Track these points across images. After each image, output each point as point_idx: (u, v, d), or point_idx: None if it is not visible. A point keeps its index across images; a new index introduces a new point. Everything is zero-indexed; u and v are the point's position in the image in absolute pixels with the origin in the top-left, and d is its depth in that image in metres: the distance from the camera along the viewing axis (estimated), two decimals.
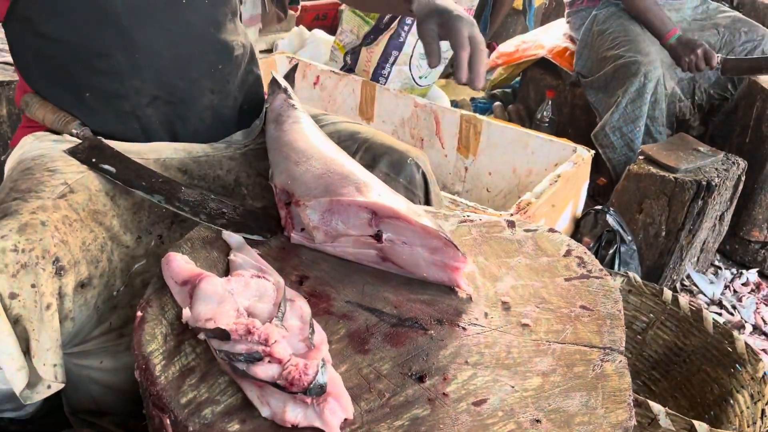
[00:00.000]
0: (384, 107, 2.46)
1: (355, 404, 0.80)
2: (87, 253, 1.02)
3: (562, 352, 0.92)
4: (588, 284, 1.07)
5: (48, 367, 0.94)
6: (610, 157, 2.52)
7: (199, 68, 1.27)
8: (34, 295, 0.92)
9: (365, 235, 1.06)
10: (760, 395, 1.55)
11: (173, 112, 1.26)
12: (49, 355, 0.95)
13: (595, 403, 0.84)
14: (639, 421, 1.41)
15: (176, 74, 1.24)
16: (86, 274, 1.01)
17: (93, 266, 1.03)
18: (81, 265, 1.00)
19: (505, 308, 1.00)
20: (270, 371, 0.76)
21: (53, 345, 0.95)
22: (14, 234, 0.93)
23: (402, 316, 0.96)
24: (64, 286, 0.97)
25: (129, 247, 1.11)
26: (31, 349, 0.93)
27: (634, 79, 2.41)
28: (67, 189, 1.05)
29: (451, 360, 0.89)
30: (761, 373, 1.58)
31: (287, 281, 1.02)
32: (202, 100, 1.30)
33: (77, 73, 1.18)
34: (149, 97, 1.23)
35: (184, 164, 1.23)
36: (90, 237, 1.03)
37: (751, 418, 1.54)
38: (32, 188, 1.03)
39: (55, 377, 0.95)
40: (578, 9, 2.80)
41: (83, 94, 1.19)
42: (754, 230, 2.48)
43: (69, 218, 1.01)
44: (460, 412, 0.81)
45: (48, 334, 0.94)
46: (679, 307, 1.76)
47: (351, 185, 1.05)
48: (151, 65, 1.21)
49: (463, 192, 2.37)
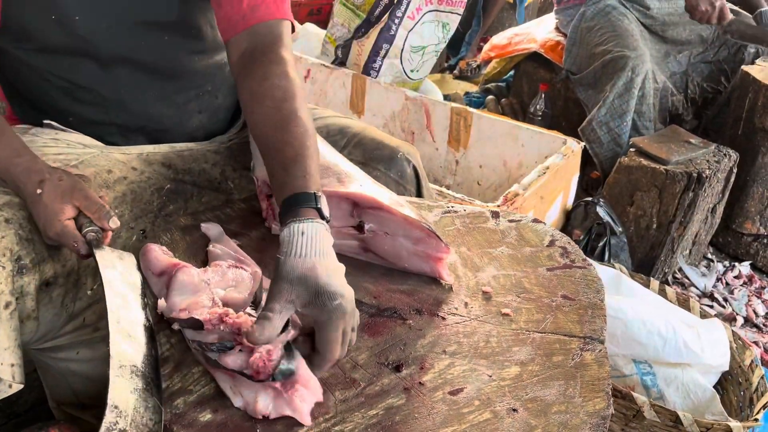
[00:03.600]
0: (374, 100, 2.45)
1: (330, 394, 0.80)
2: (54, 251, 0.99)
3: (542, 341, 0.92)
4: (570, 274, 1.06)
5: (5, 367, 0.91)
6: (597, 152, 2.51)
7: (186, 95, 1.25)
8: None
9: (347, 226, 1.05)
10: (747, 383, 1.55)
11: (162, 136, 1.26)
12: (7, 355, 0.92)
13: (573, 392, 0.83)
14: (623, 413, 1.40)
15: (162, 105, 1.23)
16: (51, 272, 0.99)
17: (60, 265, 1.00)
18: (46, 264, 0.98)
19: (485, 298, 1.00)
20: (239, 360, 0.75)
21: (11, 344, 0.92)
22: None
23: (381, 306, 0.96)
24: (26, 285, 0.95)
25: None
26: None
27: (621, 74, 2.39)
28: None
29: (428, 349, 0.88)
30: (749, 361, 1.58)
31: (267, 272, 1.01)
32: (191, 122, 1.29)
33: (60, 99, 1.16)
34: (136, 126, 1.22)
35: (167, 158, 1.22)
36: None
37: (739, 407, 1.54)
38: (1, 184, 1.02)
39: (13, 377, 0.93)
40: (566, 6, 2.79)
41: (66, 118, 1.17)
42: (747, 222, 2.47)
43: None
44: (436, 401, 0.80)
45: (6, 333, 0.92)
46: (666, 297, 1.76)
47: (332, 176, 1.04)
48: (136, 101, 1.19)
49: (453, 185, 2.36)
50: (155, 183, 1.17)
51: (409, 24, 2.47)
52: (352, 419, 0.77)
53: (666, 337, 1.50)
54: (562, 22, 2.85)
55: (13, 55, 1.14)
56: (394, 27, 2.46)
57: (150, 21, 1.15)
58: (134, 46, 1.15)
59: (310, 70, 2.56)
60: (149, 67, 1.18)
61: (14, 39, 1.11)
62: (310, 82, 2.58)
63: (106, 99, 1.17)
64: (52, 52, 1.12)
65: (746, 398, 1.54)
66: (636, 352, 1.53)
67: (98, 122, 1.20)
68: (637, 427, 1.41)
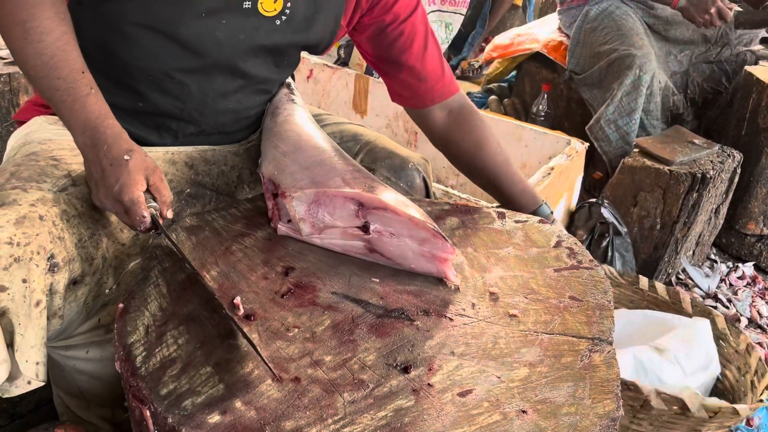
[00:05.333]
0: (377, 100, 2.44)
1: (339, 395, 0.79)
2: (82, 250, 1.00)
3: (550, 342, 0.91)
4: (578, 275, 1.06)
5: (30, 365, 0.92)
6: (606, 150, 2.51)
7: (250, 111, 1.29)
8: (24, 290, 0.90)
9: (352, 227, 1.05)
10: (747, 367, 1.55)
11: (207, 140, 1.27)
12: (33, 353, 0.93)
13: (583, 393, 0.83)
14: (630, 404, 1.40)
15: (231, 116, 1.25)
16: (79, 271, 0.99)
17: (87, 264, 1.01)
18: (75, 263, 0.98)
19: (493, 299, 0.99)
20: None
21: (38, 343, 0.93)
22: (11, 226, 0.91)
23: (388, 307, 0.95)
24: (56, 283, 0.95)
25: (125, 245, 1.09)
26: (15, 343, 0.91)
27: (629, 72, 2.39)
28: (69, 182, 1.03)
29: (436, 351, 0.88)
30: (744, 346, 1.58)
31: (273, 272, 1.01)
32: (238, 135, 1.32)
33: (143, 82, 1.15)
34: (198, 128, 1.23)
35: (191, 158, 1.23)
36: (87, 234, 1.02)
37: (742, 390, 1.54)
38: (34, 177, 1.01)
39: (36, 375, 0.93)
40: (569, 7, 2.78)
41: (137, 101, 1.17)
42: (750, 223, 2.47)
43: (68, 213, 0.99)
44: (445, 402, 0.80)
45: (34, 331, 0.92)
46: (657, 293, 1.76)
47: (338, 177, 1.04)
48: (216, 105, 1.20)
49: (457, 185, 2.36)
50: (176, 186, 1.18)
51: None
52: (361, 421, 0.76)
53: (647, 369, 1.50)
54: (564, 23, 2.85)
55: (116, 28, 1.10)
56: None
57: (279, 50, 1.21)
58: (249, 61, 1.18)
59: (313, 70, 2.56)
60: (245, 79, 1.21)
61: (140, 14, 1.08)
62: (312, 82, 2.58)
63: (191, 96, 1.17)
64: (172, 40, 1.10)
65: (747, 381, 1.54)
66: None
67: (166, 114, 1.19)
68: (646, 417, 1.40)
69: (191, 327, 0.89)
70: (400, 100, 1.43)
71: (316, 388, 0.80)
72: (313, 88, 2.57)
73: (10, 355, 0.91)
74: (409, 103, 1.42)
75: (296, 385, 0.80)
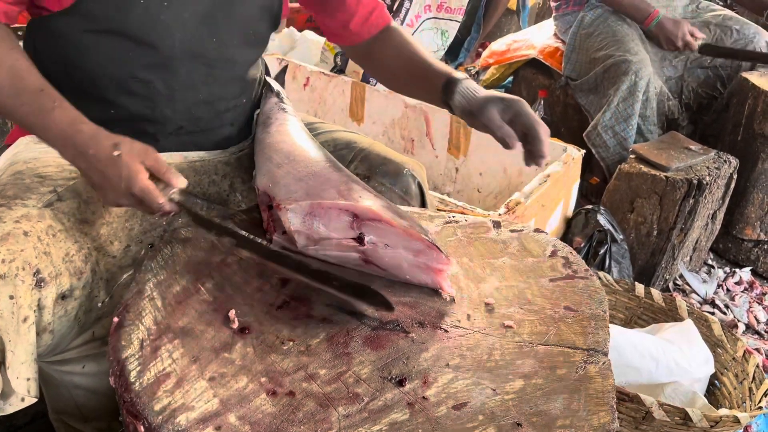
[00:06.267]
0: (374, 108, 2.45)
1: (333, 409, 0.79)
2: (70, 264, 1.00)
3: (545, 353, 0.91)
4: (573, 285, 1.06)
5: (21, 381, 0.92)
6: (604, 156, 2.52)
7: (227, 103, 1.28)
8: (12, 306, 0.90)
9: (347, 238, 1.04)
10: (744, 374, 1.55)
11: (191, 140, 1.26)
12: (23, 369, 0.92)
13: (578, 405, 0.82)
14: (633, 416, 1.40)
15: (206, 108, 1.24)
16: (68, 285, 0.99)
17: (75, 278, 1.01)
18: (63, 277, 0.98)
19: (488, 310, 0.99)
20: None
21: (28, 359, 0.93)
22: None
23: (383, 319, 0.95)
24: (43, 298, 0.95)
25: (116, 257, 1.09)
26: (6, 360, 0.91)
27: (625, 78, 2.40)
28: (54, 197, 1.03)
29: (432, 363, 0.88)
30: (741, 352, 1.58)
31: (268, 285, 1.01)
32: (222, 131, 1.30)
33: (109, 90, 1.15)
34: (175, 125, 1.22)
35: (180, 169, 1.22)
36: (74, 248, 1.01)
37: (740, 398, 1.55)
38: (19, 195, 1.01)
39: (28, 392, 0.93)
40: (564, 13, 2.79)
41: (108, 110, 1.16)
42: (747, 228, 2.47)
43: (53, 228, 0.99)
44: (440, 416, 0.80)
45: (23, 347, 0.92)
46: (653, 300, 1.77)
47: (332, 188, 1.04)
48: (185, 98, 1.19)
49: (454, 192, 2.36)
50: None
51: (408, 31, 2.47)
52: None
53: (658, 358, 1.50)
54: (560, 29, 2.85)
55: (71, 41, 1.10)
56: None
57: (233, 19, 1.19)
58: (205, 41, 1.17)
59: (310, 77, 2.56)
60: (209, 66, 1.20)
61: (86, 20, 1.08)
62: (309, 90, 2.58)
63: (159, 93, 1.17)
64: (124, 37, 1.10)
65: (745, 388, 1.54)
66: (630, 379, 1.52)
67: (140, 118, 1.18)
68: (648, 429, 1.40)
69: (186, 341, 0.89)
70: (336, 39, 1.45)
71: (311, 402, 0.80)
72: (310, 95, 2.58)
73: (2, 373, 0.91)
74: (345, 41, 1.41)
75: (291, 400, 0.80)
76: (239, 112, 1.32)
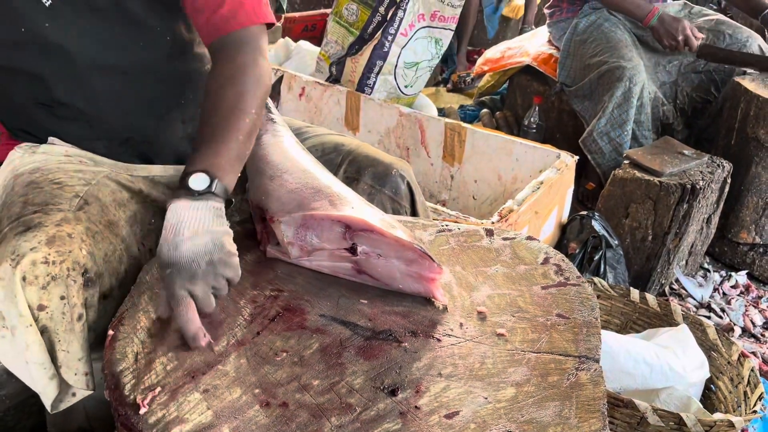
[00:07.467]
0: (369, 117, 2.46)
1: (326, 420, 0.80)
2: (109, 264, 1.03)
3: (537, 361, 0.92)
4: (565, 292, 1.07)
5: (80, 376, 0.96)
6: (599, 162, 2.53)
7: (167, 104, 1.26)
8: (63, 307, 0.93)
9: (340, 249, 1.05)
10: (739, 378, 1.56)
11: (148, 149, 1.26)
12: (81, 365, 0.97)
13: (569, 413, 0.83)
14: (628, 421, 1.41)
15: (143, 114, 1.23)
16: (108, 285, 1.02)
17: (114, 278, 1.04)
18: (104, 277, 1.01)
19: (480, 318, 1.00)
20: None
21: (84, 355, 0.97)
22: (44, 246, 0.93)
23: (376, 329, 0.96)
24: (90, 297, 0.98)
25: (136, 257, 1.12)
26: (57, 359, 0.95)
27: (619, 84, 2.42)
28: (82, 201, 1.05)
29: (424, 372, 0.88)
30: (736, 356, 1.59)
31: (262, 296, 1.02)
32: (176, 132, 1.29)
33: (45, 119, 1.17)
34: (121, 138, 1.22)
35: (173, 182, 1.23)
36: (110, 249, 1.05)
37: (735, 401, 1.55)
38: (49, 201, 1.03)
39: (87, 385, 0.98)
40: (558, 20, 2.81)
41: (55, 135, 1.18)
42: (742, 232, 2.48)
43: (91, 230, 1.02)
44: (432, 425, 0.80)
45: (80, 343, 0.96)
46: (648, 305, 1.78)
47: (324, 199, 1.05)
48: (115, 110, 1.19)
49: (449, 200, 2.37)
50: (159, 204, 1.19)
51: (402, 41, 2.49)
52: None
53: (652, 364, 1.51)
54: (554, 35, 2.87)
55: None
56: (387, 44, 2.48)
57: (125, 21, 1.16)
58: (107, 49, 1.16)
59: (305, 87, 2.58)
60: (122, 71, 1.18)
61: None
62: (305, 100, 2.60)
63: (84, 113, 1.18)
64: (25, 69, 1.12)
65: (740, 392, 1.55)
66: (624, 384, 1.53)
67: (85, 138, 1.20)
68: None
69: (180, 353, 0.89)
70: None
71: (304, 413, 0.81)
72: (306, 105, 2.59)
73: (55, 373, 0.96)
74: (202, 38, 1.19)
75: (284, 411, 0.81)
76: (189, 109, 1.28)
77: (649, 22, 2.47)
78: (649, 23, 2.48)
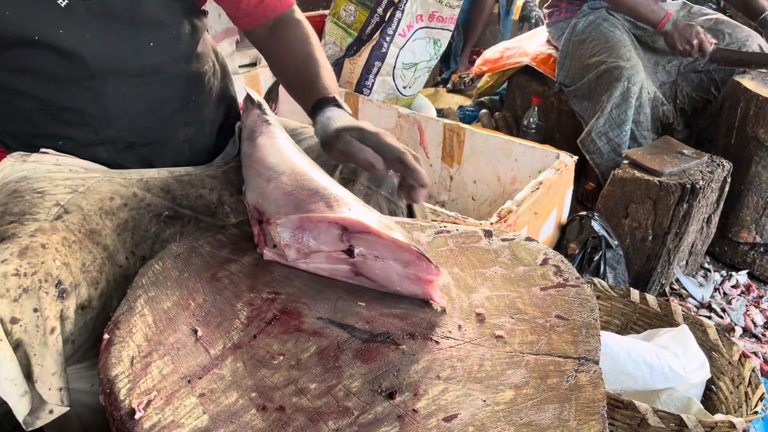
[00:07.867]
0: (367, 118, 2.45)
1: (323, 424, 0.79)
2: (87, 274, 1.01)
3: (536, 363, 0.91)
4: (564, 293, 1.06)
5: (54, 392, 0.93)
6: (598, 162, 2.52)
7: (172, 106, 1.26)
8: (36, 320, 0.91)
9: (337, 251, 1.05)
10: (740, 378, 1.55)
11: (150, 152, 1.26)
12: (55, 380, 0.93)
13: (568, 415, 0.82)
14: (628, 423, 1.40)
15: (149, 117, 1.23)
16: (86, 296, 1.00)
17: (93, 288, 1.02)
18: (81, 287, 0.99)
19: (479, 320, 0.99)
20: None
21: (59, 369, 0.94)
22: (15, 258, 0.91)
23: (374, 332, 0.95)
24: (66, 308, 0.95)
25: (123, 266, 1.10)
26: (33, 374, 0.92)
27: (617, 84, 2.41)
28: (61, 210, 1.04)
29: (422, 375, 0.88)
30: (737, 357, 1.58)
31: (258, 299, 1.01)
32: (178, 135, 1.29)
33: (46, 125, 1.16)
34: (124, 143, 1.22)
35: (166, 184, 1.23)
36: (89, 258, 1.02)
37: (736, 402, 1.55)
38: (26, 211, 1.01)
39: (61, 401, 0.94)
40: (557, 20, 2.81)
41: (56, 143, 1.18)
42: (743, 232, 2.47)
43: (68, 240, 1.00)
44: (430, 428, 0.79)
45: (53, 358, 0.93)
46: (648, 305, 1.77)
47: (321, 201, 1.04)
48: (124, 114, 1.20)
49: (448, 201, 2.36)
50: (154, 209, 1.18)
51: (400, 41, 2.48)
52: None
53: (652, 365, 1.50)
54: (553, 35, 2.87)
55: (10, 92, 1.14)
56: (385, 45, 2.48)
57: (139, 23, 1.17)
58: (119, 52, 1.16)
59: None
60: (135, 75, 1.19)
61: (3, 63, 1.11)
62: None
63: (94, 117, 1.18)
64: (39, 75, 1.12)
65: (741, 393, 1.54)
66: (625, 385, 1.52)
67: (88, 143, 1.20)
68: None
69: (176, 357, 0.89)
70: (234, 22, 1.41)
71: (301, 417, 0.80)
72: None
73: (30, 387, 0.92)
74: (240, 24, 1.38)
75: (280, 415, 0.80)
76: (191, 111, 1.30)
77: (664, 27, 2.45)
78: (664, 28, 2.46)
